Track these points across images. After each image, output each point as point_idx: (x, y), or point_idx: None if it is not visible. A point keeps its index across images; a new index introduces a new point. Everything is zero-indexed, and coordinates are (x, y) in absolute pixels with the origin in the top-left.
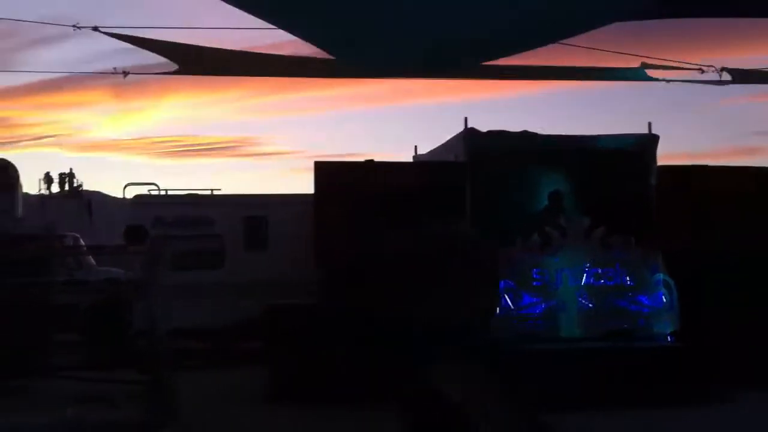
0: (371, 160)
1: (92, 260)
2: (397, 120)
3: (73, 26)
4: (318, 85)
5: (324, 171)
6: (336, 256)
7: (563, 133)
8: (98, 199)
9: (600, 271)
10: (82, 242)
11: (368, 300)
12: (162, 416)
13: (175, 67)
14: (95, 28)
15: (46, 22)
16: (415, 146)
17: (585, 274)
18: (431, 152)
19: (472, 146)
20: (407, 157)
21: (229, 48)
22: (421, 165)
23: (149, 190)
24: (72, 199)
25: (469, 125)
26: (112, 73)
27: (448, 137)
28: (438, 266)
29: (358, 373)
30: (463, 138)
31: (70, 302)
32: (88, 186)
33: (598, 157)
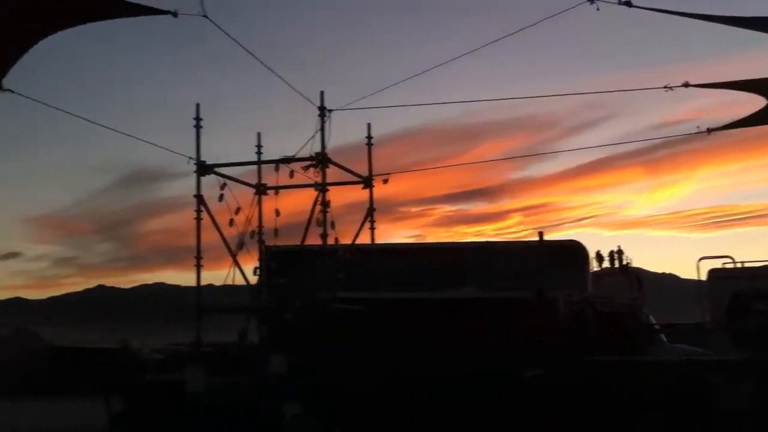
0: None
1: (664, 337)
2: None
3: (665, 87)
4: None
5: None
6: None
7: None
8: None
9: None
10: (652, 319)
11: None
12: None
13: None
14: (686, 85)
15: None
16: None
17: None
18: None
19: None
20: None
21: None
22: None
23: (723, 264)
24: (620, 276)
25: None
26: (696, 133)
27: None
28: None
29: None
30: None
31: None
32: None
33: None
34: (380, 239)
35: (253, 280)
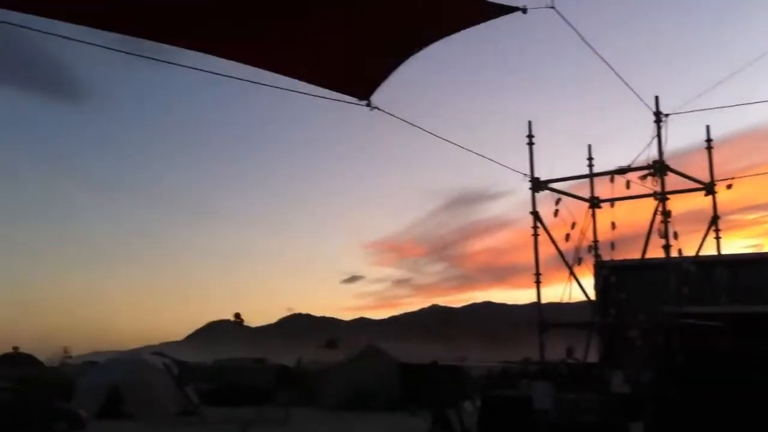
0: None
1: None
2: None
3: None
4: None
5: None
6: None
7: None
8: None
9: None
10: None
11: None
12: None
13: None
14: None
15: None
16: None
17: None
18: None
19: None
20: None
21: None
22: None
23: None
24: None
25: None
26: None
27: None
28: None
29: None
30: None
31: None
32: None
33: None
34: (712, 250)
35: (593, 295)
